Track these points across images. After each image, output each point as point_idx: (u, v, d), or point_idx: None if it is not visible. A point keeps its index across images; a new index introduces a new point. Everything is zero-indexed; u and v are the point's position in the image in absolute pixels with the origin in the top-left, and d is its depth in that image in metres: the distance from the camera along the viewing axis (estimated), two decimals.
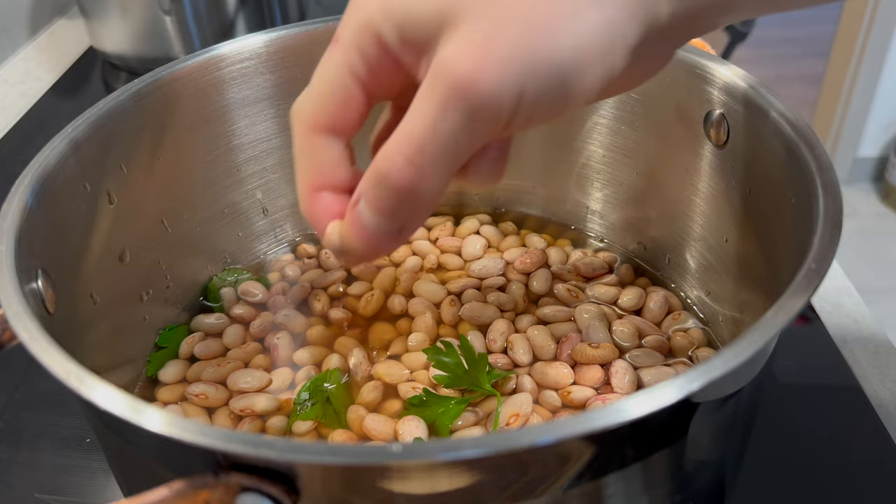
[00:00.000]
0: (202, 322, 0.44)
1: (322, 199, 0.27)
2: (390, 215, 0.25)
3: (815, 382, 0.44)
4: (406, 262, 0.48)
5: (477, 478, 0.24)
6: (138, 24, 0.72)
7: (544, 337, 0.41)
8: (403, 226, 0.26)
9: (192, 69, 0.42)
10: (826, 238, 0.28)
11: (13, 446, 0.42)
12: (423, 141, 0.23)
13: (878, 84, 1.75)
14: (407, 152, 0.23)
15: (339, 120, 0.27)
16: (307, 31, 0.45)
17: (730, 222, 0.40)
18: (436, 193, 0.24)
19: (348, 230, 0.26)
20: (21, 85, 0.78)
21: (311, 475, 0.23)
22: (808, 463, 0.40)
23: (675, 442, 0.27)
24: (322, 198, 0.27)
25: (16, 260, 0.29)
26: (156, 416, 0.22)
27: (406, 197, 0.24)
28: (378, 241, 0.26)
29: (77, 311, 0.35)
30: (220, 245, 0.48)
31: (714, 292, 0.43)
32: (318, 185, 0.27)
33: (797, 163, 0.32)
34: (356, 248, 0.26)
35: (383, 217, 0.25)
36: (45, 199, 0.33)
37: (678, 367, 0.40)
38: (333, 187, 0.27)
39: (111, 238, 0.39)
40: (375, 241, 0.26)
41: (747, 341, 0.24)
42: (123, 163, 0.39)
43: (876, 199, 1.89)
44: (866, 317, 0.49)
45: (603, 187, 0.48)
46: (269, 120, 0.46)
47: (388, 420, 0.38)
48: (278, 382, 0.40)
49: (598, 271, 0.46)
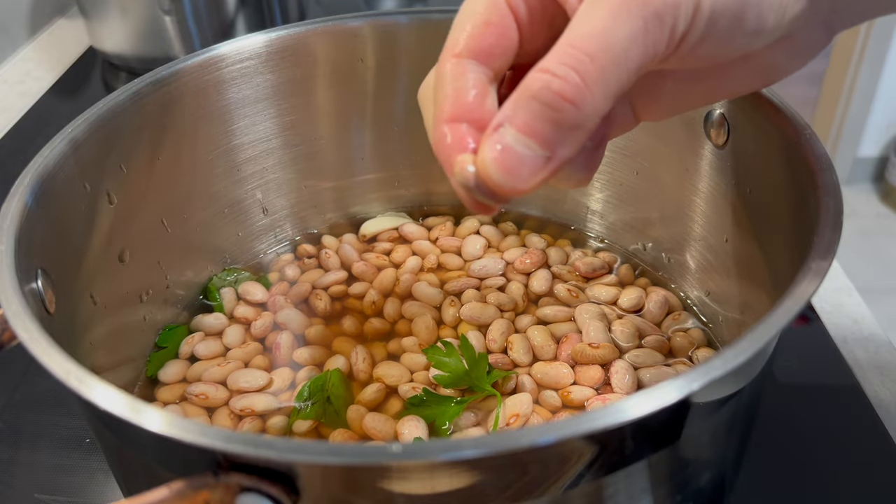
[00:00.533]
0: (202, 322, 0.44)
1: (458, 130, 0.25)
2: (542, 136, 0.22)
3: (815, 382, 0.44)
4: (406, 263, 0.48)
5: (477, 478, 0.24)
6: (138, 24, 0.72)
7: (544, 337, 0.41)
8: (553, 152, 0.23)
9: (192, 69, 0.42)
10: (826, 238, 0.28)
11: (13, 446, 0.42)
12: (594, 48, 0.21)
13: (879, 84, 1.75)
14: (573, 60, 0.21)
15: (491, 45, 0.25)
16: (307, 31, 0.45)
17: (730, 222, 0.40)
18: (597, 115, 0.22)
19: (486, 156, 0.23)
20: (21, 85, 0.78)
21: (311, 475, 0.23)
22: (808, 463, 0.40)
23: (675, 442, 0.27)
24: (458, 129, 0.25)
25: (16, 260, 0.29)
26: (156, 416, 0.22)
27: (564, 115, 0.22)
28: (521, 168, 0.23)
29: (77, 311, 0.35)
30: (220, 245, 0.48)
31: (714, 292, 0.43)
32: (456, 115, 0.25)
33: (797, 163, 0.32)
34: (493, 177, 0.23)
35: (534, 138, 0.22)
36: (44, 199, 0.33)
37: (678, 367, 0.40)
38: (473, 119, 0.25)
39: (111, 238, 0.39)
40: (518, 168, 0.23)
41: (747, 341, 0.24)
42: (123, 163, 0.39)
43: (876, 199, 1.89)
44: (866, 317, 0.49)
45: (603, 187, 0.48)
46: (269, 120, 0.46)
47: (388, 420, 0.38)
48: (279, 382, 0.40)
49: (598, 271, 0.46)
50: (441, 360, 0.39)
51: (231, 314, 0.45)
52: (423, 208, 0.53)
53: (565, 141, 0.23)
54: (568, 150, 0.23)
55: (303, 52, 0.45)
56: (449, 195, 0.53)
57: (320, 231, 0.51)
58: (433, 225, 0.51)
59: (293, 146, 0.48)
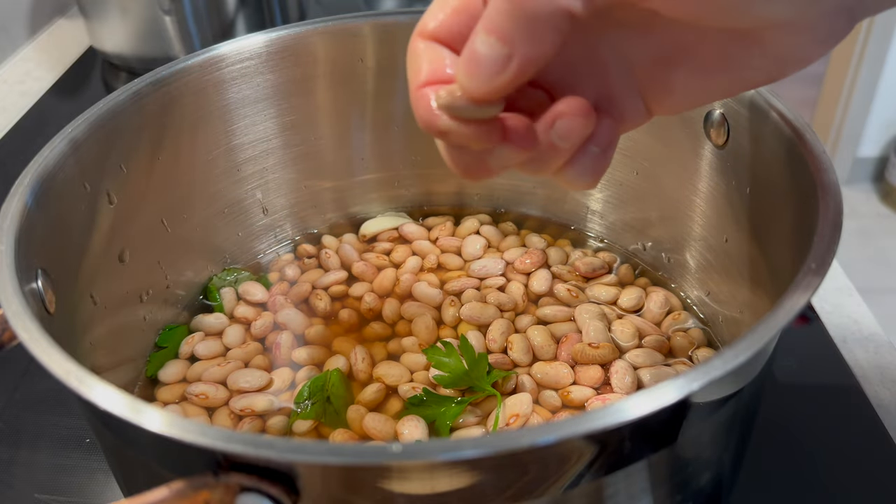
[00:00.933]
0: (202, 322, 0.44)
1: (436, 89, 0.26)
2: (501, 31, 0.23)
3: (815, 382, 0.44)
4: (406, 263, 0.48)
5: (477, 478, 0.24)
6: (138, 24, 0.72)
7: (544, 337, 0.41)
8: (514, 48, 0.23)
9: (192, 69, 0.42)
10: (826, 238, 0.28)
11: (13, 446, 0.42)
12: None
13: (878, 84, 1.74)
14: None
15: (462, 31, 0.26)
16: (307, 31, 0.45)
17: (730, 222, 0.40)
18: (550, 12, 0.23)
19: (460, 68, 0.25)
20: (21, 85, 0.78)
21: (311, 475, 0.23)
22: (807, 463, 0.40)
23: (675, 442, 0.27)
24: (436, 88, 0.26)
25: (16, 260, 0.29)
26: (156, 416, 0.22)
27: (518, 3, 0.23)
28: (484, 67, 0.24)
29: (77, 311, 0.35)
30: (220, 245, 0.48)
31: (714, 292, 0.43)
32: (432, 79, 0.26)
33: (797, 163, 0.32)
34: (462, 81, 0.25)
35: (494, 34, 0.23)
36: (45, 199, 0.33)
37: (678, 367, 0.40)
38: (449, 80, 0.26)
39: (111, 238, 0.39)
40: (481, 67, 0.24)
41: (747, 341, 0.24)
42: (123, 163, 0.39)
43: (876, 199, 1.89)
44: (866, 317, 0.49)
45: (603, 187, 0.48)
46: (269, 120, 0.46)
47: (388, 420, 0.38)
48: (279, 382, 0.40)
49: (598, 271, 0.46)
50: (441, 360, 0.39)
51: (231, 314, 0.45)
52: (423, 208, 0.53)
53: (524, 36, 0.23)
54: (529, 48, 0.23)
55: (303, 52, 0.45)
56: (449, 195, 0.53)
57: (320, 231, 0.51)
58: (433, 225, 0.51)
59: (293, 146, 0.48)
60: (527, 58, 0.24)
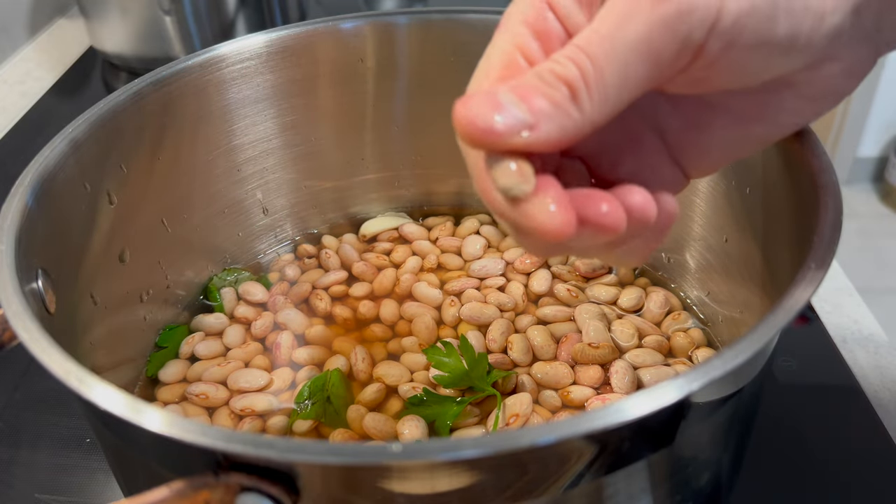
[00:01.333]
0: (202, 322, 0.44)
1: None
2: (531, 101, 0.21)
3: (815, 382, 0.44)
4: (406, 263, 0.48)
5: (477, 478, 0.24)
6: (138, 24, 0.72)
7: (544, 337, 0.41)
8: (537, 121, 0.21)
9: (192, 69, 0.42)
10: (826, 238, 0.28)
11: (13, 446, 0.42)
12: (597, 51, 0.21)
13: (878, 84, 1.74)
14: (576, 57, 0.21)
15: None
16: (307, 31, 0.45)
17: (730, 222, 0.40)
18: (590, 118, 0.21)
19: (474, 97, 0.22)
20: (21, 85, 0.78)
21: (311, 475, 0.23)
22: (808, 463, 0.40)
23: (675, 442, 0.27)
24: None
25: (16, 260, 0.29)
26: (156, 416, 0.22)
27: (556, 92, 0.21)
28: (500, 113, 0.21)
29: (77, 311, 0.35)
30: (220, 245, 0.48)
31: (714, 292, 0.43)
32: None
33: (797, 163, 0.32)
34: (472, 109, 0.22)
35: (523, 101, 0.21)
36: (45, 199, 0.33)
37: (678, 367, 0.40)
38: None
39: (111, 238, 0.39)
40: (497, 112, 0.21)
41: (747, 341, 0.24)
42: (123, 163, 0.39)
43: (876, 199, 1.89)
44: (866, 317, 0.49)
45: None
46: (269, 120, 0.46)
47: (388, 420, 0.38)
48: (279, 382, 0.40)
49: (598, 271, 0.46)
50: (441, 360, 0.39)
51: (231, 314, 0.45)
52: (423, 208, 0.53)
53: (550, 118, 0.21)
54: (551, 130, 0.21)
55: (303, 52, 0.45)
56: (449, 195, 0.53)
57: (320, 231, 0.51)
58: (433, 225, 0.51)
59: (293, 146, 0.48)
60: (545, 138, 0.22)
